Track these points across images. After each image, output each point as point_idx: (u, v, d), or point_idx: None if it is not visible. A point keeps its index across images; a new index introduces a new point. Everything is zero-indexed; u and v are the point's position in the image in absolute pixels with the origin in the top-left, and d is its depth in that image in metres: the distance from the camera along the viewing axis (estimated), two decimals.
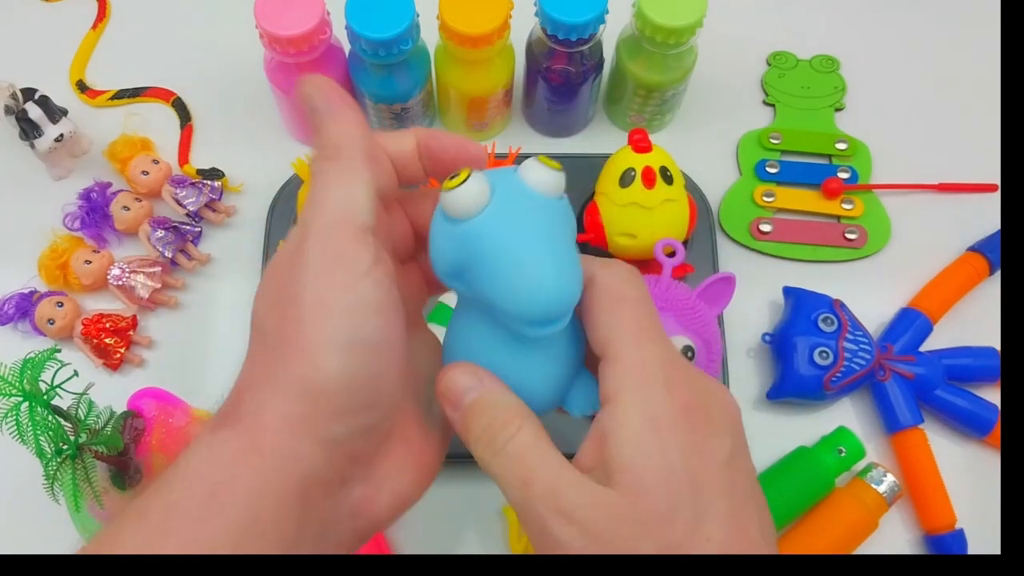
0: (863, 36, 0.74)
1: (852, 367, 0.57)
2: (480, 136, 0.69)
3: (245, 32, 0.60)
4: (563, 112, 0.67)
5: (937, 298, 0.62)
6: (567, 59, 0.61)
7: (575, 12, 0.57)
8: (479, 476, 0.59)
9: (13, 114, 0.63)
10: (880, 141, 0.69)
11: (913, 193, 0.68)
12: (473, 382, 0.31)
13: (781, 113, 0.70)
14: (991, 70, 0.72)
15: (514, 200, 0.29)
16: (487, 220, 0.28)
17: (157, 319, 0.63)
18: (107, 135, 0.67)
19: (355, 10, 0.57)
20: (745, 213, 0.66)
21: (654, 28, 0.58)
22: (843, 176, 0.67)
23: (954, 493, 0.57)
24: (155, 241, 0.63)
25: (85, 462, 0.53)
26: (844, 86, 0.71)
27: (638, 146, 0.59)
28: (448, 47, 0.60)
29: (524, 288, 0.28)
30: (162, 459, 0.59)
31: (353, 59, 0.62)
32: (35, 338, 0.62)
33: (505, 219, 0.28)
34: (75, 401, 0.53)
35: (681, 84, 0.65)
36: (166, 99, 0.70)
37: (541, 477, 0.28)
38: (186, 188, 0.65)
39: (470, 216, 0.28)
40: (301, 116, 0.66)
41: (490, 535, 0.58)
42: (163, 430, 0.60)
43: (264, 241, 0.63)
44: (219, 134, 0.70)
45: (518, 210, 0.29)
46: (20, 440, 0.50)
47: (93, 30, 0.73)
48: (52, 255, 0.62)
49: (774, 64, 0.72)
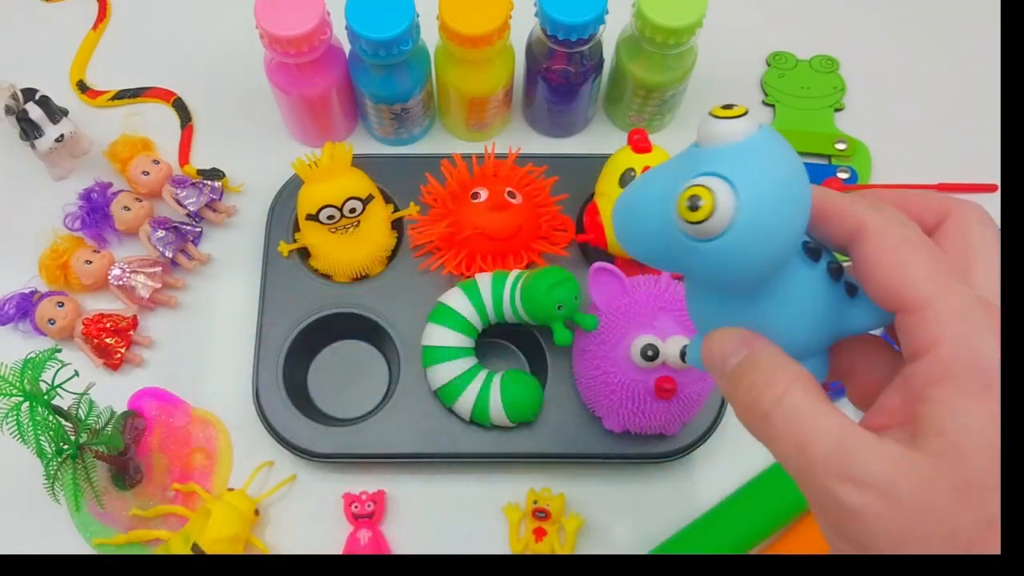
0: (863, 36, 0.74)
1: None
2: (480, 136, 0.69)
3: (245, 32, 0.60)
4: (563, 112, 0.67)
5: None
6: (567, 59, 0.61)
7: (575, 12, 0.57)
8: (479, 476, 0.60)
9: (14, 114, 0.63)
10: (880, 141, 0.69)
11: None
12: (735, 346, 0.28)
13: (781, 113, 0.70)
14: (991, 70, 0.72)
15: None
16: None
17: (157, 319, 0.64)
18: (107, 135, 0.67)
19: (355, 10, 0.57)
20: None
21: (654, 28, 0.58)
22: (843, 176, 0.67)
23: None
24: (155, 241, 0.63)
25: (85, 462, 0.54)
26: (843, 86, 0.71)
27: (638, 146, 0.59)
28: (448, 47, 0.60)
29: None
30: (162, 459, 0.59)
31: (353, 59, 0.62)
32: (36, 338, 0.62)
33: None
34: (75, 401, 0.54)
35: (681, 84, 0.65)
36: (166, 99, 0.70)
37: (820, 439, 0.25)
38: (186, 188, 0.65)
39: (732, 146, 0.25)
40: (301, 116, 0.66)
41: (490, 535, 0.58)
42: (163, 430, 0.60)
43: (264, 241, 0.63)
44: (219, 134, 0.70)
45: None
46: (20, 440, 0.50)
47: (93, 30, 0.73)
48: (53, 255, 0.62)
49: (774, 64, 0.72)
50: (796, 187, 0.26)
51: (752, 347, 0.28)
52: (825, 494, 0.25)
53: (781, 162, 0.25)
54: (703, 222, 0.24)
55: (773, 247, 0.25)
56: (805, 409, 0.26)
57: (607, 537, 0.58)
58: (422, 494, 0.59)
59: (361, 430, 0.58)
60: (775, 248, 0.25)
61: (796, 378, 0.27)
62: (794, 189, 0.25)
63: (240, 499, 0.56)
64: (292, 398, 0.58)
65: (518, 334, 0.61)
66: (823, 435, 0.25)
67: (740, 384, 0.27)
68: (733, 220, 0.24)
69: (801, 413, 0.26)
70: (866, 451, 0.25)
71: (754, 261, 0.25)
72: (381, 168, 0.63)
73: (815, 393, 0.26)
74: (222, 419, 0.61)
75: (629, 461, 0.58)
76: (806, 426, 0.26)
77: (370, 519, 0.57)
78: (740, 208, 0.24)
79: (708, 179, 0.25)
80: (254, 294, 0.61)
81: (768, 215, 0.25)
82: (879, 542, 0.25)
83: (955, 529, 0.24)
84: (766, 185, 0.25)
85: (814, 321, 0.28)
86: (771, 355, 0.27)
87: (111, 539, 0.57)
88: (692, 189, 0.24)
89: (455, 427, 0.58)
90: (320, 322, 0.60)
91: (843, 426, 0.25)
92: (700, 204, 0.24)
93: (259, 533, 0.58)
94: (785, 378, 0.27)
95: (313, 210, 0.59)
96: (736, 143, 0.25)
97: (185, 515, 0.57)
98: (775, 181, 0.25)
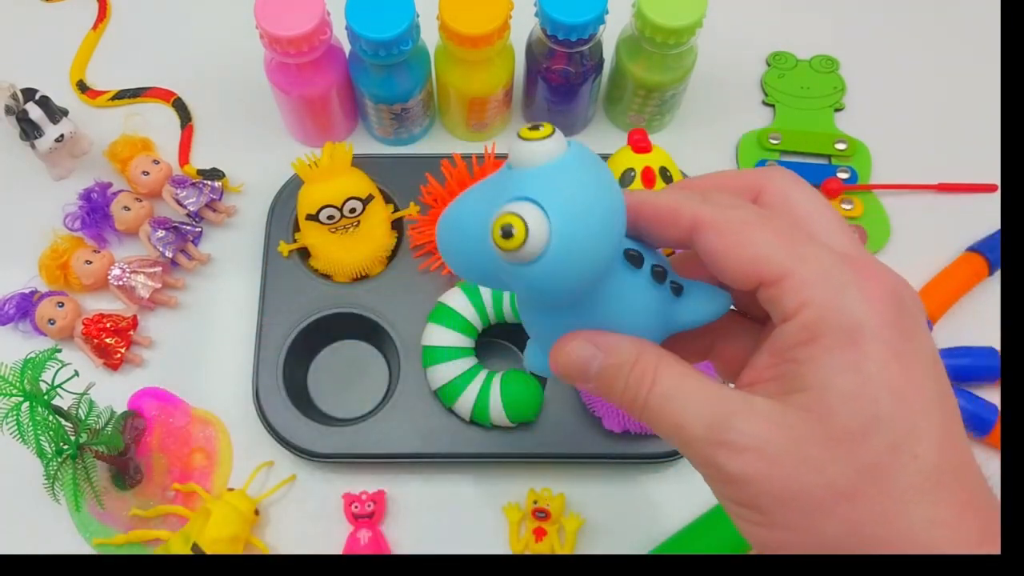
0: (863, 36, 0.74)
1: None
2: (480, 136, 0.69)
3: (245, 32, 0.60)
4: (563, 112, 0.67)
5: (936, 298, 0.62)
6: (567, 59, 0.61)
7: (575, 12, 0.57)
8: (479, 476, 0.60)
9: (14, 114, 0.63)
10: (880, 141, 0.69)
11: (912, 193, 0.68)
12: (590, 350, 0.28)
13: (781, 113, 0.70)
14: (991, 70, 0.72)
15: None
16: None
17: (157, 319, 0.64)
18: (107, 135, 0.67)
19: (355, 10, 0.57)
20: None
21: (654, 28, 0.58)
22: (843, 176, 0.67)
23: None
24: (155, 241, 0.63)
25: (85, 462, 0.54)
26: (843, 86, 0.71)
27: (638, 146, 0.59)
28: (448, 47, 0.60)
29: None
30: (162, 459, 0.59)
31: (353, 59, 0.62)
32: (36, 338, 0.62)
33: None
34: (75, 401, 0.54)
35: (681, 84, 0.65)
36: (166, 99, 0.70)
37: (693, 416, 0.26)
38: (186, 188, 0.65)
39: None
40: (301, 116, 0.66)
41: (490, 535, 0.58)
42: (163, 430, 0.60)
43: (264, 241, 0.63)
44: (219, 134, 0.70)
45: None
46: (20, 440, 0.50)
47: (94, 30, 0.73)
48: (53, 255, 0.62)
49: (774, 64, 0.72)
50: (608, 203, 0.26)
51: (607, 347, 0.28)
52: (708, 466, 0.26)
53: (591, 180, 0.26)
54: (517, 250, 0.24)
55: (589, 264, 0.26)
56: (675, 389, 0.27)
57: (607, 537, 0.58)
58: (422, 494, 0.59)
59: (361, 430, 0.58)
60: (591, 265, 0.26)
61: (660, 361, 0.27)
62: (606, 208, 0.26)
63: (240, 499, 0.56)
64: (292, 398, 0.58)
65: (518, 334, 0.61)
66: (696, 410, 0.26)
67: (615, 384, 0.28)
68: (547, 245, 0.24)
69: (672, 394, 0.27)
70: (740, 415, 0.26)
71: (572, 279, 0.26)
72: (381, 168, 0.63)
73: (681, 369, 0.27)
74: (222, 419, 0.61)
75: (629, 461, 0.58)
76: (679, 405, 0.27)
77: (370, 519, 0.57)
78: (553, 232, 0.24)
79: (519, 205, 0.25)
80: (254, 294, 0.61)
81: (581, 235, 0.25)
82: (765, 501, 0.25)
83: (831, 479, 0.24)
84: (577, 206, 0.25)
85: (643, 323, 0.29)
86: (629, 348, 0.28)
87: (111, 539, 0.57)
88: (504, 217, 0.24)
89: (455, 427, 0.58)
90: (320, 322, 0.60)
91: (715, 396, 0.26)
92: (513, 232, 0.24)
93: (259, 533, 0.58)
94: (651, 365, 0.27)
95: (313, 210, 0.59)
96: (545, 164, 0.25)
97: (185, 515, 0.57)
98: (586, 201, 0.25)
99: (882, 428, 0.24)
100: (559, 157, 0.25)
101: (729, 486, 0.26)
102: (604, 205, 0.26)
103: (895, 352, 0.25)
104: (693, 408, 0.26)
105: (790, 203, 0.28)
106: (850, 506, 0.24)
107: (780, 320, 0.26)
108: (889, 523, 0.24)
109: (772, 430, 0.25)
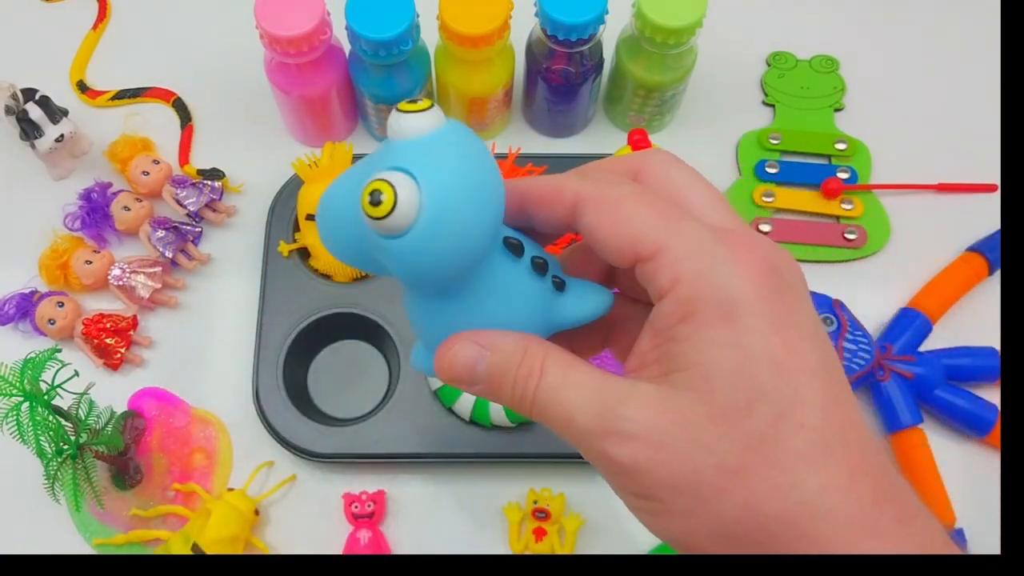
0: (863, 36, 0.74)
1: (852, 367, 0.57)
2: (480, 136, 0.69)
3: (245, 32, 0.60)
4: (563, 112, 0.67)
5: (937, 298, 0.62)
6: (567, 59, 0.61)
7: (575, 12, 0.57)
8: (479, 476, 0.60)
9: (14, 114, 0.63)
10: (879, 141, 0.69)
11: (912, 193, 0.68)
12: (475, 350, 0.27)
13: (781, 113, 0.70)
14: (991, 70, 0.72)
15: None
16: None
17: (157, 319, 0.64)
18: (107, 135, 0.67)
19: (355, 10, 0.57)
20: (745, 213, 0.66)
21: (654, 28, 0.58)
22: (842, 176, 0.67)
23: (953, 493, 0.57)
24: (155, 241, 0.63)
25: (85, 462, 0.54)
26: (843, 86, 0.71)
27: (638, 146, 0.59)
28: (448, 47, 0.60)
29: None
30: (162, 459, 0.59)
31: (353, 59, 0.62)
32: (36, 338, 0.62)
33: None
34: (75, 401, 0.54)
35: (681, 84, 0.65)
36: (166, 99, 0.70)
37: (581, 407, 0.26)
38: (186, 188, 0.65)
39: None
40: (301, 116, 0.66)
41: (490, 535, 0.58)
42: (163, 430, 0.60)
43: (264, 241, 0.63)
44: (219, 134, 0.70)
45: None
46: (20, 440, 0.50)
47: (94, 30, 0.73)
48: (53, 255, 0.62)
49: (774, 64, 0.72)
50: (484, 181, 0.25)
51: (492, 344, 0.27)
52: (600, 458, 0.26)
53: (468, 156, 0.25)
54: (386, 217, 0.24)
55: (462, 242, 0.25)
56: (561, 380, 0.26)
57: (607, 537, 0.58)
58: (422, 494, 0.59)
59: (361, 430, 0.58)
60: (465, 242, 0.25)
61: (546, 356, 0.27)
62: (482, 183, 0.25)
63: (240, 499, 0.56)
64: (292, 398, 0.58)
65: None
66: (583, 401, 0.26)
67: (504, 383, 0.27)
68: (417, 215, 0.24)
69: (559, 385, 0.26)
70: (625, 402, 0.25)
71: (444, 256, 0.25)
72: None
73: (566, 362, 0.27)
74: (222, 419, 0.61)
75: None
76: (566, 397, 0.26)
77: (370, 519, 0.57)
78: (423, 203, 0.24)
79: (390, 173, 0.24)
80: (254, 294, 0.61)
81: (454, 210, 0.24)
82: (659, 489, 0.25)
83: (720, 458, 0.24)
84: (451, 180, 0.24)
85: (526, 317, 0.28)
86: (515, 344, 0.27)
87: (111, 539, 0.57)
88: (373, 184, 0.24)
89: (455, 427, 0.58)
90: (320, 322, 0.60)
91: (601, 385, 0.26)
92: (381, 199, 0.24)
93: (259, 533, 0.58)
94: (538, 359, 0.27)
95: (313, 210, 0.59)
96: (421, 137, 0.24)
97: (185, 515, 0.57)
98: (461, 175, 0.24)
99: (765, 401, 0.24)
100: (435, 130, 0.25)
101: (622, 477, 0.26)
102: (478, 179, 0.25)
103: (773, 324, 0.25)
104: (580, 399, 0.26)
105: (668, 181, 0.28)
106: (742, 483, 0.24)
107: (657, 297, 0.26)
108: (783, 495, 0.24)
109: (658, 414, 0.25)
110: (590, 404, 0.26)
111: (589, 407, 0.26)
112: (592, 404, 0.26)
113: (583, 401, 0.26)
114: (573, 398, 0.26)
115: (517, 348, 0.27)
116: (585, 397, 0.26)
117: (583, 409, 0.26)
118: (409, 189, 0.24)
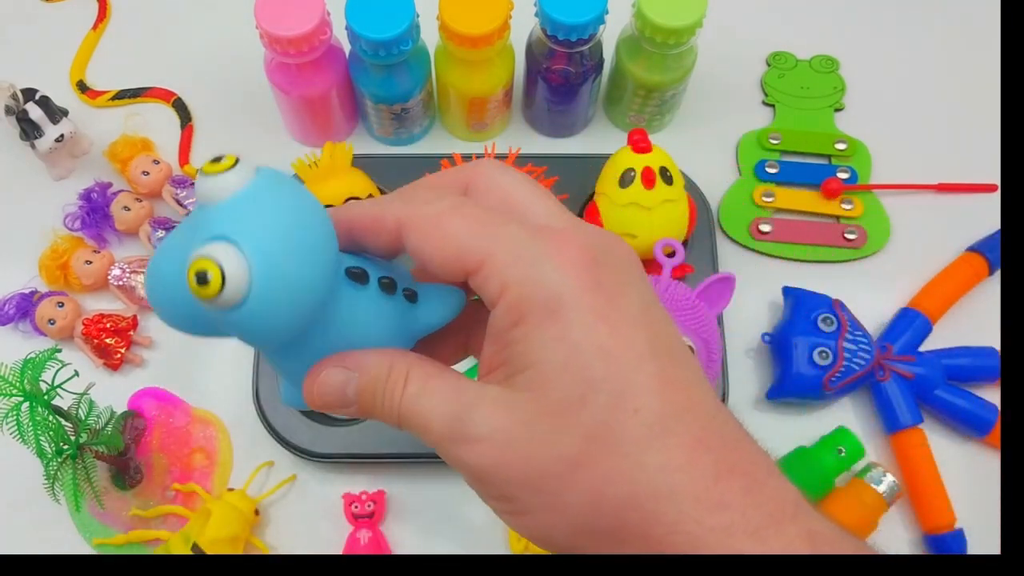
0: (863, 36, 0.74)
1: (852, 367, 0.57)
2: (480, 136, 0.69)
3: (245, 32, 0.60)
4: (563, 112, 0.67)
5: (937, 298, 0.62)
6: (567, 59, 0.61)
7: (575, 12, 0.57)
8: None
9: (14, 114, 0.63)
10: (879, 141, 0.69)
11: (912, 193, 0.68)
12: (342, 374, 0.27)
13: (781, 113, 0.70)
14: (991, 70, 0.72)
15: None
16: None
17: (157, 319, 0.63)
18: (107, 135, 0.67)
19: (355, 10, 0.57)
20: (745, 213, 0.66)
21: (654, 28, 0.58)
22: (842, 176, 0.67)
23: (954, 493, 0.57)
24: (156, 241, 0.63)
25: (85, 462, 0.53)
26: (843, 86, 0.71)
27: (638, 146, 0.59)
28: (448, 47, 0.60)
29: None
30: (162, 459, 0.59)
31: (353, 59, 0.62)
32: (36, 338, 0.62)
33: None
34: (75, 401, 0.54)
35: (681, 84, 0.65)
36: (167, 99, 0.70)
37: (435, 417, 0.26)
38: (187, 188, 0.65)
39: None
40: (301, 116, 0.66)
41: (490, 535, 0.58)
42: (163, 430, 0.60)
43: None
44: (219, 134, 0.70)
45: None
46: (20, 440, 0.50)
47: (94, 30, 0.73)
48: (53, 255, 0.62)
49: (774, 64, 0.72)
50: (310, 228, 0.24)
51: (358, 365, 0.28)
52: (455, 463, 0.26)
53: (288, 208, 0.24)
54: (217, 296, 0.22)
55: (301, 295, 0.24)
56: (420, 391, 0.27)
57: None
58: (422, 494, 0.59)
59: (361, 430, 0.58)
60: (303, 296, 0.24)
61: (410, 368, 0.27)
62: (308, 231, 0.24)
63: (240, 499, 0.56)
64: None
65: None
66: (439, 407, 0.26)
67: (375, 401, 0.27)
68: (248, 287, 0.23)
69: (419, 394, 0.27)
70: (475, 406, 0.26)
71: (286, 317, 0.24)
72: (381, 168, 0.63)
73: (427, 372, 0.27)
74: (222, 419, 0.61)
75: None
76: (424, 406, 0.27)
77: (370, 519, 0.57)
78: (252, 270, 0.22)
79: (211, 247, 0.22)
80: None
81: (285, 269, 0.23)
82: (510, 488, 0.26)
83: (561, 451, 0.25)
84: (275, 237, 0.23)
85: (385, 336, 0.28)
86: (381, 361, 0.28)
87: (111, 539, 0.57)
88: (196, 263, 0.22)
89: None
90: None
91: (456, 391, 0.26)
92: (208, 278, 0.22)
93: (259, 533, 0.58)
94: (403, 372, 0.27)
95: None
96: (234, 196, 0.23)
97: (185, 515, 0.57)
98: (284, 229, 0.23)
99: (598, 390, 0.25)
100: (247, 185, 0.23)
101: (477, 481, 0.26)
102: (303, 229, 0.24)
103: (597, 314, 0.25)
104: (436, 406, 0.26)
105: (496, 187, 0.28)
106: (585, 472, 0.25)
107: (491, 305, 0.26)
108: (625, 480, 0.25)
109: (502, 416, 0.25)
110: (444, 410, 0.26)
111: (444, 413, 0.26)
112: (446, 410, 0.26)
113: (438, 407, 0.26)
114: (431, 406, 0.27)
115: (383, 364, 0.27)
116: (440, 404, 0.26)
117: (438, 415, 0.26)
118: (234, 261, 0.22)
